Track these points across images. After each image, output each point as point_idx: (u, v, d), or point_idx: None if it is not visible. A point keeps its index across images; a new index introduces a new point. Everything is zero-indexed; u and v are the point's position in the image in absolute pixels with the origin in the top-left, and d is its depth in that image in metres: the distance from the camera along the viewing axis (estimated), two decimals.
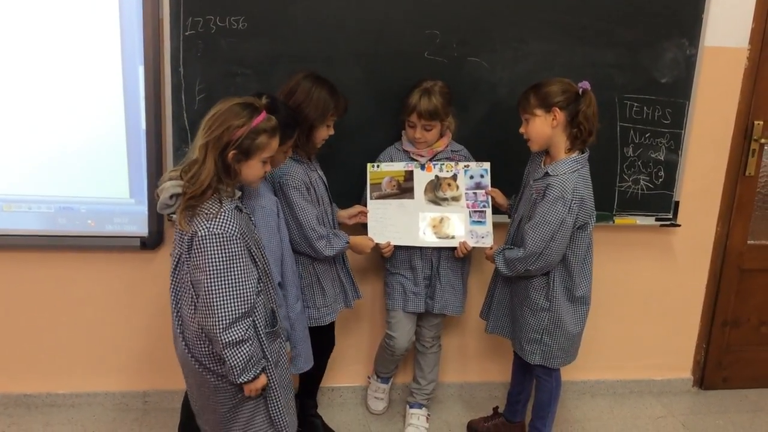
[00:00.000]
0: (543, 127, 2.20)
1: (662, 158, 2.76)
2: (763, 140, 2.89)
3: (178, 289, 1.85)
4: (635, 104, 2.69)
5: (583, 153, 2.23)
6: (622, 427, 2.87)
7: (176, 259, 1.83)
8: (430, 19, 2.49)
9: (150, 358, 2.76)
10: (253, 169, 1.83)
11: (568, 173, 2.18)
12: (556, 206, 2.17)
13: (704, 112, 2.77)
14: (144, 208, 2.56)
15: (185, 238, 1.77)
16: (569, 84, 2.19)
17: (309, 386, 2.64)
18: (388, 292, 2.61)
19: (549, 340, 2.32)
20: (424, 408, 2.75)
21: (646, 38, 2.63)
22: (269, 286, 1.94)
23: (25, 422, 2.66)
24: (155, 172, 2.49)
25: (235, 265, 1.74)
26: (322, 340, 2.51)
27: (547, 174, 2.23)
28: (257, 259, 1.85)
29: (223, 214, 1.74)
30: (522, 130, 2.26)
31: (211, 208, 1.75)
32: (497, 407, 2.73)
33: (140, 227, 2.58)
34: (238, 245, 1.75)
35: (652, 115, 2.71)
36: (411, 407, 2.76)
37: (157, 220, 2.57)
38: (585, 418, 2.92)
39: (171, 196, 1.78)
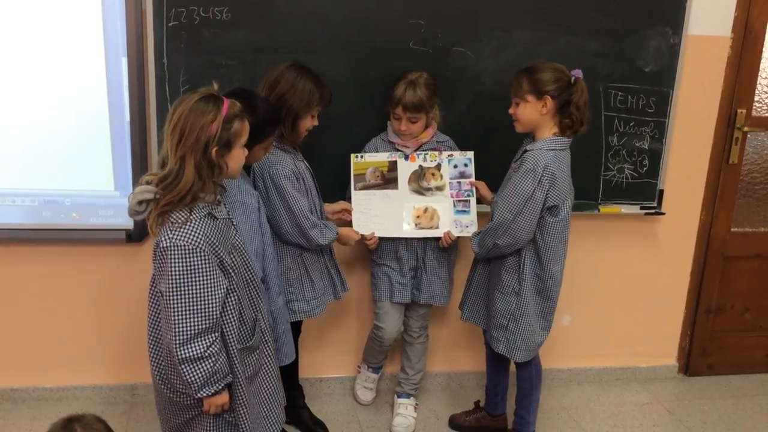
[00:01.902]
0: (532, 112, 2.20)
1: (646, 147, 2.78)
2: (746, 128, 2.91)
3: (151, 294, 1.81)
4: (619, 93, 2.70)
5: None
6: (608, 414, 2.89)
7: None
8: (415, 9, 2.49)
9: (138, 352, 2.71)
10: (236, 159, 1.80)
11: (544, 150, 2.19)
12: (526, 179, 2.17)
13: (688, 100, 2.79)
14: None
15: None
16: (562, 71, 2.18)
17: (289, 377, 2.62)
18: (374, 283, 2.62)
19: (514, 327, 2.31)
20: (412, 398, 2.76)
21: (630, 27, 2.64)
22: (253, 293, 1.88)
23: (12, 416, 2.65)
24: (140, 164, 2.48)
25: (197, 278, 1.65)
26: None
27: (525, 151, 2.24)
28: (232, 270, 1.76)
29: (190, 223, 1.66)
30: (511, 111, 2.26)
31: (179, 217, 1.66)
32: (478, 401, 2.73)
33: (126, 220, 2.54)
34: (203, 257, 1.66)
35: (636, 104, 2.72)
36: (399, 397, 2.77)
37: None
38: (571, 406, 2.94)
39: (140, 202, 1.69)
